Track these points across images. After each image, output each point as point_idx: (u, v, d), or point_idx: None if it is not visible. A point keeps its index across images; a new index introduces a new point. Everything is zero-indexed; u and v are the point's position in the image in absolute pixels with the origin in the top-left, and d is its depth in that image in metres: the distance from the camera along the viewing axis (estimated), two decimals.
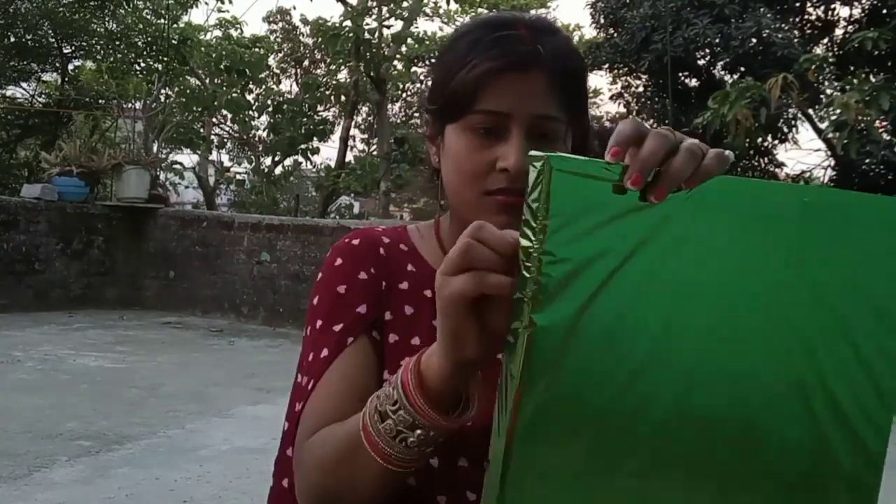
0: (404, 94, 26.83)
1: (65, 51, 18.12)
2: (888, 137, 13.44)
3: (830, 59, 12.80)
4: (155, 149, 18.24)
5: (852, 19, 15.95)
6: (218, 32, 21.24)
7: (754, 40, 14.26)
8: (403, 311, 1.28)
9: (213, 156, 23.88)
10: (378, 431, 0.98)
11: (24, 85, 19.35)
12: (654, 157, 0.83)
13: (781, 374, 0.88)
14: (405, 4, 18.49)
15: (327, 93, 21.49)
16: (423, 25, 33.20)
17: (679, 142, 0.86)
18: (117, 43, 17.85)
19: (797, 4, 15.77)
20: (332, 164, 21.61)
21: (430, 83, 1.31)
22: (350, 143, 22.89)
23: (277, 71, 25.18)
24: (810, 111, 14.01)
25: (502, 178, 1.19)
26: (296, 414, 1.21)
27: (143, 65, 18.45)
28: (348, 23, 16.93)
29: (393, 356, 1.24)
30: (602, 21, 17.76)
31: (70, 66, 19.06)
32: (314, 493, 1.11)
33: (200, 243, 12.28)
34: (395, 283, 1.30)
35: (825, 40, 16.47)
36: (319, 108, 22.14)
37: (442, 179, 1.30)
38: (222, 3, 19.70)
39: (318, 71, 24.63)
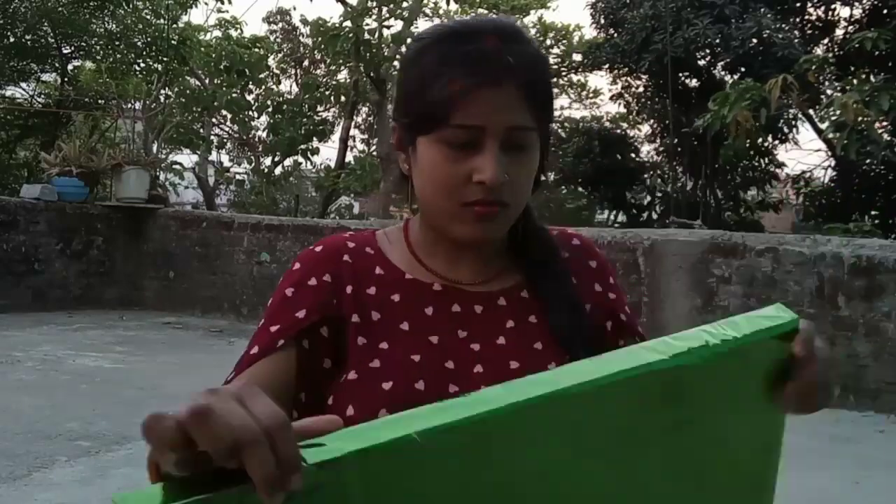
0: None
1: (64, 51, 18.08)
2: (888, 138, 13.44)
3: (831, 60, 12.80)
4: (154, 149, 18.19)
5: (853, 20, 15.97)
6: (218, 33, 21.20)
7: (755, 41, 14.27)
8: (371, 315, 1.28)
9: (213, 156, 23.84)
10: None
11: (23, 85, 19.32)
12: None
13: None
14: (405, 5, 18.46)
15: (327, 93, 21.46)
16: (423, 26, 33.15)
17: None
18: (117, 43, 17.80)
19: (797, 5, 15.79)
20: (332, 164, 21.59)
21: (398, 93, 1.31)
22: (350, 143, 22.88)
23: (277, 71, 25.13)
24: (811, 111, 14.01)
25: (478, 189, 1.20)
26: None
27: (142, 65, 18.40)
28: (348, 23, 16.91)
29: (361, 358, 1.25)
30: (602, 21, 17.78)
31: (69, 67, 19.01)
32: None
33: (200, 243, 12.26)
34: (363, 288, 1.31)
35: (825, 41, 16.48)
36: (319, 108, 22.10)
37: (412, 186, 1.30)
38: (222, 3, 19.64)
39: (318, 71, 24.59)
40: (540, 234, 1.37)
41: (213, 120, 21.95)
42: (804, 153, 45.08)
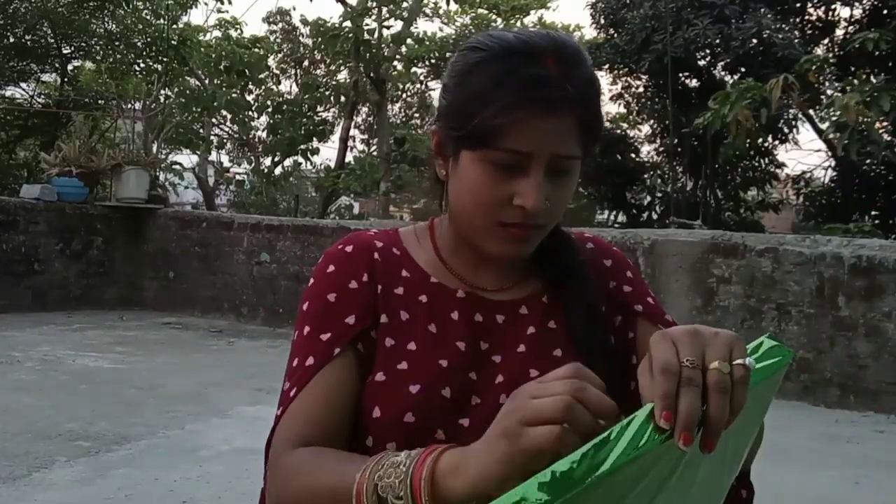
0: (404, 95, 26.86)
1: (64, 51, 18.06)
2: (888, 138, 13.45)
3: (831, 60, 12.78)
4: (154, 149, 18.21)
5: (853, 20, 15.98)
6: (217, 33, 21.20)
7: (755, 41, 14.27)
8: (399, 316, 1.28)
9: (213, 156, 23.87)
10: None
11: (23, 85, 19.29)
12: (695, 412, 0.82)
13: None
14: (405, 5, 18.47)
15: (327, 93, 21.48)
16: (423, 26, 33.16)
17: (704, 372, 0.85)
18: (117, 43, 17.78)
19: (798, 5, 15.79)
20: (332, 164, 21.59)
21: (445, 99, 1.27)
22: (350, 143, 22.88)
23: (277, 71, 25.17)
24: (811, 112, 14.02)
25: (518, 213, 1.19)
26: (277, 419, 1.23)
27: (142, 65, 18.37)
28: (348, 23, 16.92)
29: (388, 359, 1.25)
30: (602, 21, 17.78)
31: (69, 67, 18.99)
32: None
33: (200, 244, 12.24)
34: (391, 288, 1.30)
35: (826, 41, 16.49)
36: (319, 108, 22.11)
37: (447, 192, 1.30)
38: (222, 3, 19.64)
39: (318, 71, 24.61)
40: (566, 240, 1.37)
41: (213, 120, 21.97)
42: (804, 153, 45.22)
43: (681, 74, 16.12)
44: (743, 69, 14.59)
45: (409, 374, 1.22)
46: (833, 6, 15.92)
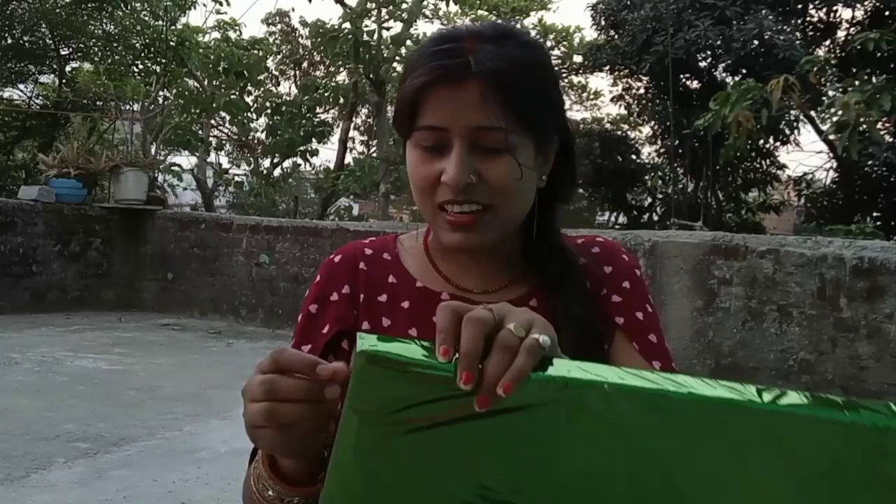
0: None
1: (62, 52, 18.07)
2: (890, 139, 13.44)
3: (832, 61, 12.78)
4: (153, 150, 18.18)
5: (854, 21, 15.97)
6: (216, 34, 21.22)
7: (756, 42, 14.25)
8: (381, 322, 1.30)
9: (212, 158, 23.83)
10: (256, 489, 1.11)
11: (21, 87, 19.32)
12: (476, 348, 0.84)
13: None
14: (404, 6, 18.46)
15: (326, 95, 21.43)
16: (423, 27, 33.14)
17: (499, 322, 0.87)
18: (115, 45, 17.80)
19: (799, 6, 15.77)
20: (331, 165, 21.60)
21: None
22: (349, 144, 22.90)
23: (276, 73, 25.16)
24: (812, 113, 14.00)
25: (447, 190, 1.19)
26: None
27: (141, 66, 18.41)
28: (347, 25, 16.90)
29: None
30: (603, 23, 17.78)
31: (67, 68, 19.00)
32: None
33: (199, 245, 12.22)
34: (375, 296, 1.32)
35: (827, 42, 16.48)
36: (318, 109, 22.10)
37: None
38: (220, 4, 19.65)
39: (317, 73, 24.62)
40: (558, 251, 1.34)
41: (212, 121, 21.97)
42: (806, 154, 45.33)
43: (682, 76, 16.09)
44: (744, 70, 14.57)
45: None
46: (834, 7, 15.90)
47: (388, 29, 17.89)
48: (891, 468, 0.83)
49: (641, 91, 18.42)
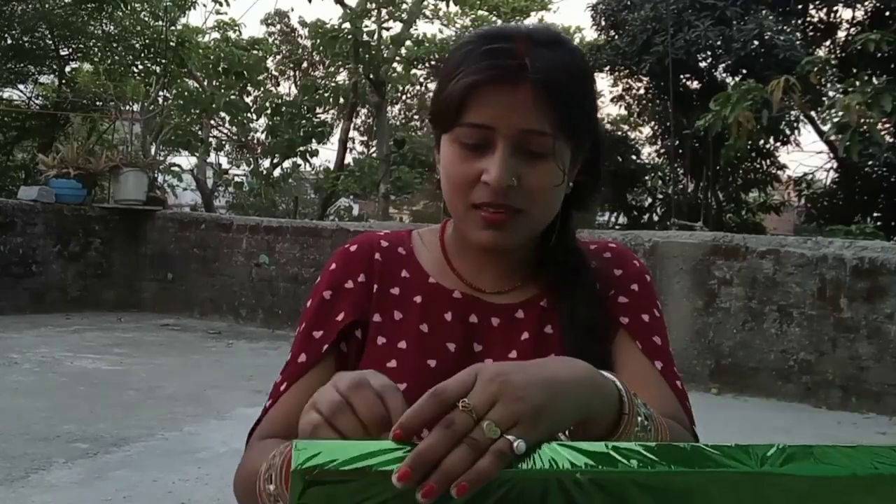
0: (403, 97, 26.85)
1: (62, 53, 18.05)
2: (890, 140, 13.44)
3: (833, 62, 12.77)
4: (153, 151, 18.14)
5: (855, 21, 15.98)
6: (216, 35, 21.18)
7: (756, 42, 14.25)
8: (393, 315, 1.30)
9: (212, 158, 23.79)
10: (265, 490, 1.01)
11: (20, 87, 19.30)
12: (433, 454, 0.78)
13: None
14: (404, 6, 18.44)
15: (326, 95, 21.42)
16: (423, 27, 33.21)
17: (479, 415, 0.81)
18: (115, 45, 17.77)
19: (799, 7, 15.78)
20: (331, 166, 21.58)
21: (433, 91, 1.31)
22: (349, 145, 22.88)
23: (276, 73, 25.15)
24: (812, 113, 13.99)
25: (486, 191, 1.18)
26: (264, 410, 1.30)
27: (140, 67, 18.36)
28: (347, 25, 16.88)
29: (379, 357, 1.27)
30: (603, 23, 17.77)
31: (67, 69, 19.00)
32: (236, 492, 1.20)
33: (199, 245, 12.21)
34: (388, 288, 1.32)
35: (828, 42, 16.49)
36: (318, 110, 22.06)
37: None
38: (220, 5, 19.63)
39: (317, 73, 24.61)
40: (572, 252, 1.34)
41: (212, 122, 21.92)
42: (806, 155, 45.34)
43: (682, 76, 16.09)
44: (744, 71, 14.57)
45: (397, 373, 1.22)
46: (835, 8, 15.90)
47: (387, 29, 17.87)
48: None
49: (641, 91, 18.42)
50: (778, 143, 16.54)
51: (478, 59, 1.17)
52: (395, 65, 19.79)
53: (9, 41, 17.06)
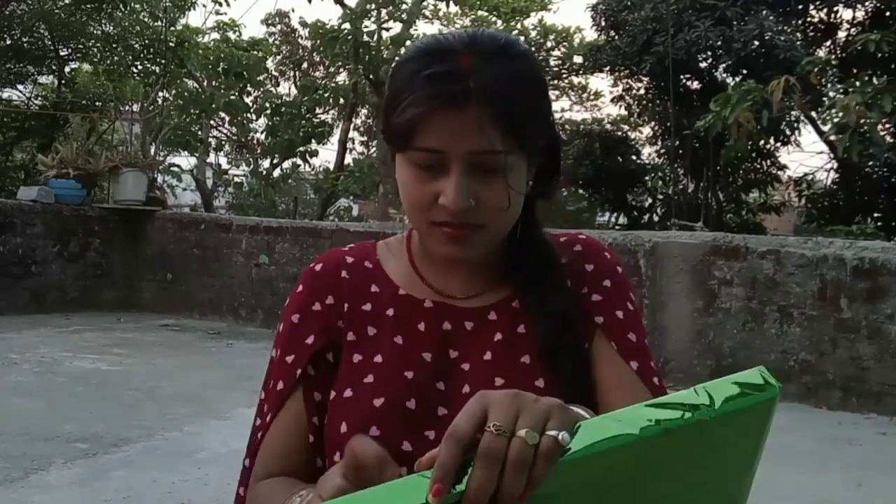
0: None
1: (61, 53, 18.05)
2: (891, 140, 13.43)
3: (833, 62, 12.76)
4: (152, 151, 18.16)
5: (855, 22, 15.96)
6: (216, 35, 21.22)
7: (756, 43, 14.23)
8: (367, 331, 1.29)
9: (211, 158, 23.81)
10: None
11: (20, 87, 19.30)
12: (485, 488, 0.77)
13: None
14: (404, 7, 18.45)
15: (326, 95, 21.41)
16: (423, 28, 33.13)
17: (509, 428, 0.80)
18: (114, 45, 17.78)
19: (800, 7, 15.75)
20: (331, 166, 21.57)
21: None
22: (349, 145, 22.87)
23: (276, 73, 25.14)
24: (813, 114, 13.99)
25: (445, 211, 1.18)
26: (254, 448, 1.32)
27: (140, 67, 18.39)
28: (347, 25, 16.88)
29: (356, 375, 1.26)
30: (603, 23, 17.75)
31: (67, 69, 19.00)
32: None
33: (198, 246, 12.21)
34: (359, 305, 1.31)
35: (828, 43, 16.47)
36: (318, 110, 22.05)
37: None
38: (220, 5, 19.63)
39: (317, 73, 24.59)
40: (538, 246, 1.33)
41: (212, 122, 21.93)
42: (806, 155, 45.21)
43: (682, 76, 16.07)
44: (744, 71, 14.56)
45: (374, 388, 1.23)
46: (835, 8, 15.89)
47: (387, 29, 17.87)
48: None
49: (642, 92, 18.39)
50: (778, 144, 16.52)
51: (422, 86, 1.15)
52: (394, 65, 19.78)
53: (8, 41, 17.07)
